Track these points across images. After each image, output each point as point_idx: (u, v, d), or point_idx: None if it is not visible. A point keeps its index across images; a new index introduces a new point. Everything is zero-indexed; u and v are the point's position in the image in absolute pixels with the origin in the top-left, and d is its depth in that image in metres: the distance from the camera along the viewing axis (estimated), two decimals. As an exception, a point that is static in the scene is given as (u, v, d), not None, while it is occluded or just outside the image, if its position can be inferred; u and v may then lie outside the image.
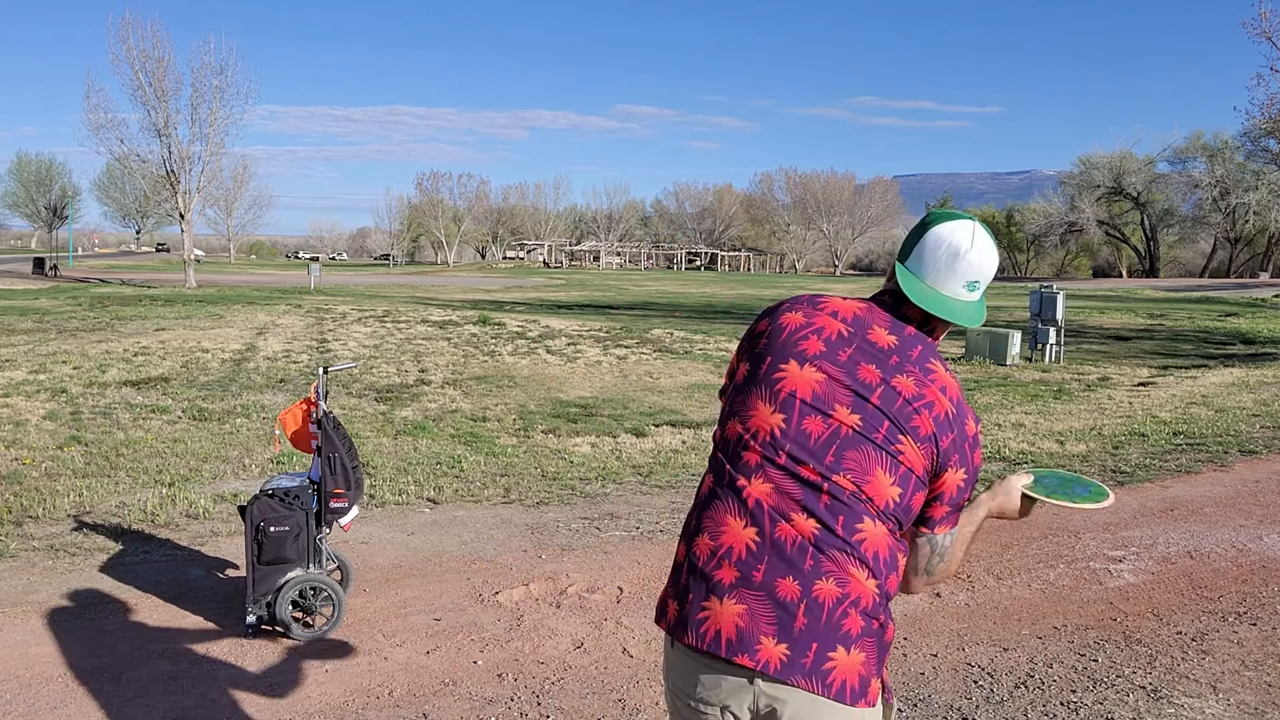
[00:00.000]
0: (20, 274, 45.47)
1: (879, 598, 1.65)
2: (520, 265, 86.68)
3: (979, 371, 14.26)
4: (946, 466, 1.71)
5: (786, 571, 1.63)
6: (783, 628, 1.61)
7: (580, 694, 3.59)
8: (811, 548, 1.63)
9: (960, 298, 1.78)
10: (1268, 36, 25.13)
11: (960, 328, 1.80)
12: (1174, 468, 7.46)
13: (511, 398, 10.76)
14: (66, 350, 14.04)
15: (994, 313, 29.62)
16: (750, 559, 1.65)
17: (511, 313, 24.92)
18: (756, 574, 1.64)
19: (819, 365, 1.72)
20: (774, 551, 1.64)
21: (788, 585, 1.62)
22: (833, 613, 1.61)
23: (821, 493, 1.65)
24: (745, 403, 1.75)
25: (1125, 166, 73.34)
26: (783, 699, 1.62)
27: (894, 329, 1.76)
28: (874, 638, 1.65)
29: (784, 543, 1.64)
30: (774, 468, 1.68)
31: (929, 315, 1.78)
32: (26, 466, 6.95)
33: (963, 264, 1.76)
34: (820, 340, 1.74)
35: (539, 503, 6.34)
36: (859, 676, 1.62)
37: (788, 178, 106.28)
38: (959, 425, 1.71)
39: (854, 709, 1.62)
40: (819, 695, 1.60)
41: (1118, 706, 3.51)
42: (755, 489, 1.67)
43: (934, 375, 1.72)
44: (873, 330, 1.75)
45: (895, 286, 1.80)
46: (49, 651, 3.89)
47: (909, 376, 1.71)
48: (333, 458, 4.11)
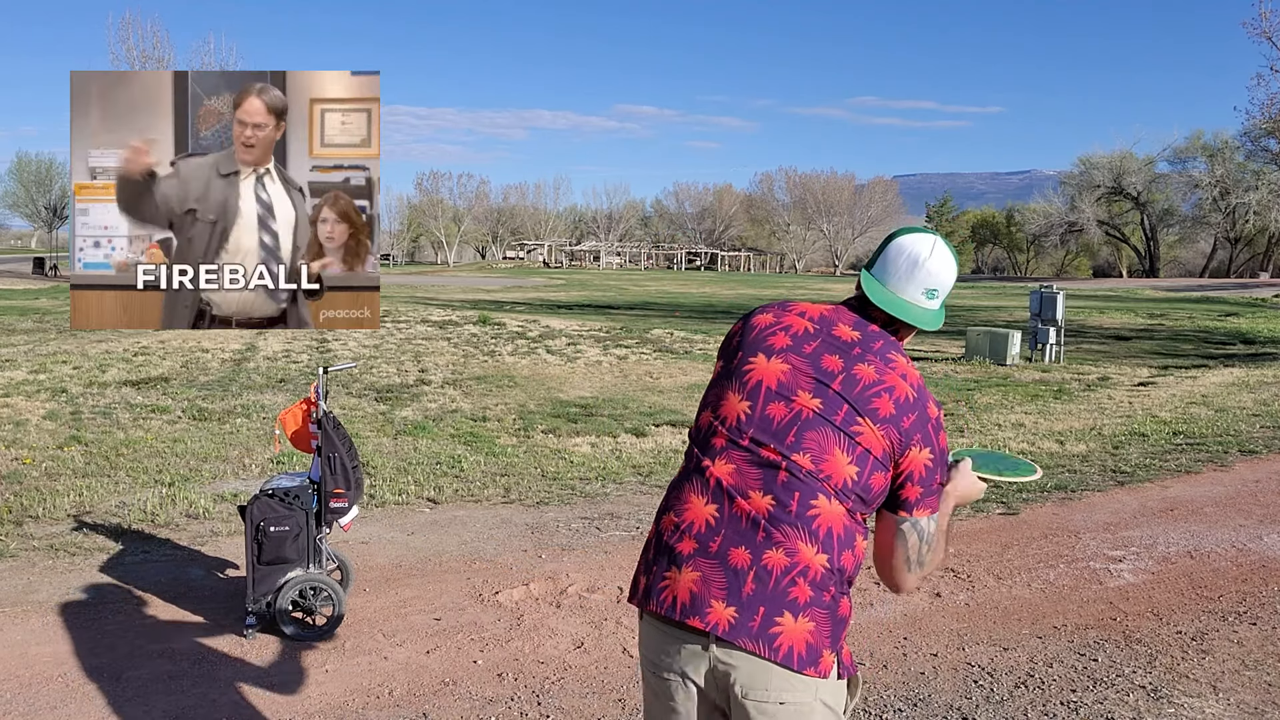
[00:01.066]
0: (20, 274, 45.48)
1: (828, 571, 1.74)
2: (520, 265, 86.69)
3: (979, 371, 14.26)
4: (910, 445, 1.81)
5: (740, 542, 1.75)
6: (732, 592, 1.72)
7: (580, 694, 3.59)
8: (765, 521, 1.75)
9: (919, 303, 1.92)
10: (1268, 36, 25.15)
11: (923, 331, 1.93)
12: (1174, 468, 7.46)
13: (511, 398, 10.76)
14: (66, 350, 14.05)
15: (994, 313, 29.61)
16: (708, 532, 1.78)
17: (511, 313, 24.92)
18: (713, 544, 1.76)
19: (785, 357, 1.86)
20: (730, 525, 1.77)
21: (740, 554, 1.74)
22: (780, 580, 1.72)
23: (779, 470, 1.77)
24: (718, 394, 1.90)
25: (1125, 166, 73.31)
26: (734, 664, 1.72)
27: (858, 326, 1.90)
28: (825, 610, 1.74)
29: (739, 517, 1.77)
30: (737, 450, 1.81)
31: (892, 319, 1.92)
32: (26, 466, 6.95)
33: (921, 271, 1.91)
34: (787, 336, 1.89)
35: (539, 503, 6.34)
36: (806, 644, 1.71)
37: (788, 178, 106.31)
38: (920, 408, 1.83)
39: (801, 675, 1.70)
40: (765, 659, 1.69)
41: (1118, 706, 3.51)
42: (718, 469, 1.81)
43: (894, 364, 1.85)
44: (837, 327, 1.90)
45: (862, 293, 1.95)
46: (49, 651, 3.89)
47: (870, 365, 1.84)
48: (333, 458, 4.11)
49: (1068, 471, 7.29)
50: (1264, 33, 25.32)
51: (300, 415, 4.22)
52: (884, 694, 3.59)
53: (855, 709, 1.91)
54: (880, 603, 4.53)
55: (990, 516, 6.08)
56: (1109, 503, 6.44)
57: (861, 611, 4.41)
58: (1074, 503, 6.43)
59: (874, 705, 3.50)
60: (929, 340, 19.87)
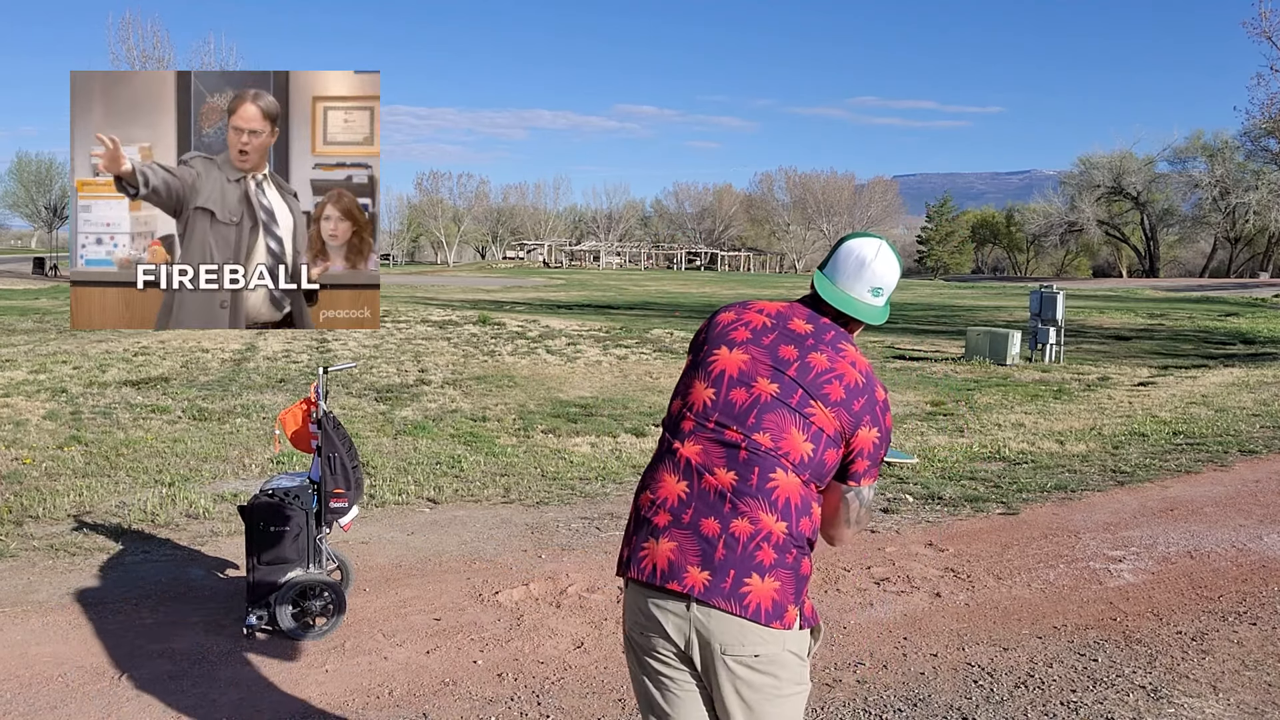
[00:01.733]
0: (20, 274, 45.47)
1: (788, 536, 1.96)
2: (520, 265, 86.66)
3: (979, 371, 14.26)
4: (860, 425, 2.02)
5: (709, 513, 1.96)
6: (705, 558, 1.94)
7: (580, 694, 3.59)
8: (730, 494, 1.96)
9: (865, 300, 2.12)
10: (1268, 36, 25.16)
11: (870, 325, 2.14)
12: (1174, 468, 7.46)
13: (511, 397, 10.76)
14: (66, 350, 14.05)
15: (994, 313, 29.62)
16: (680, 506, 1.99)
17: (511, 313, 24.92)
18: (685, 516, 1.98)
19: (745, 349, 2.07)
20: (700, 499, 1.98)
21: (710, 524, 1.96)
22: (747, 546, 1.94)
23: (741, 449, 1.99)
24: (686, 384, 2.12)
25: (1125, 166, 73.29)
26: (711, 623, 1.93)
27: (811, 319, 2.11)
28: (789, 570, 1.96)
29: (708, 491, 1.98)
30: (704, 432, 2.02)
31: (842, 314, 2.12)
32: (26, 466, 6.95)
33: (868, 271, 2.10)
34: (748, 330, 2.10)
35: (539, 502, 6.34)
36: (773, 601, 1.93)
37: (788, 178, 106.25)
38: (869, 392, 2.03)
39: (769, 628, 1.93)
40: (738, 615, 1.91)
41: (1118, 706, 3.51)
42: (687, 450, 2.03)
43: (845, 353, 2.06)
44: (793, 321, 2.10)
45: (815, 290, 2.15)
46: (49, 651, 3.89)
47: (822, 354, 2.05)
48: (333, 458, 4.11)
49: (1068, 471, 7.29)
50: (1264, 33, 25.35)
51: (300, 415, 4.22)
52: (884, 694, 3.59)
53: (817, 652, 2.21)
54: (880, 603, 4.53)
55: (990, 516, 6.08)
56: (1109, 503, 6.45)
57: (861, 611, 4.41)
58: (1074, 503, 6.43)
59: (874, 705, 3.50)
60: (929, 340, 19.87)
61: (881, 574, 4.93)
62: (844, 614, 4.39)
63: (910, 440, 8.56)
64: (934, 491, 6.61)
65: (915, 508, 6.26)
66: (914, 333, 22.26)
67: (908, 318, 27.77)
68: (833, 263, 2.14)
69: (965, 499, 6.43)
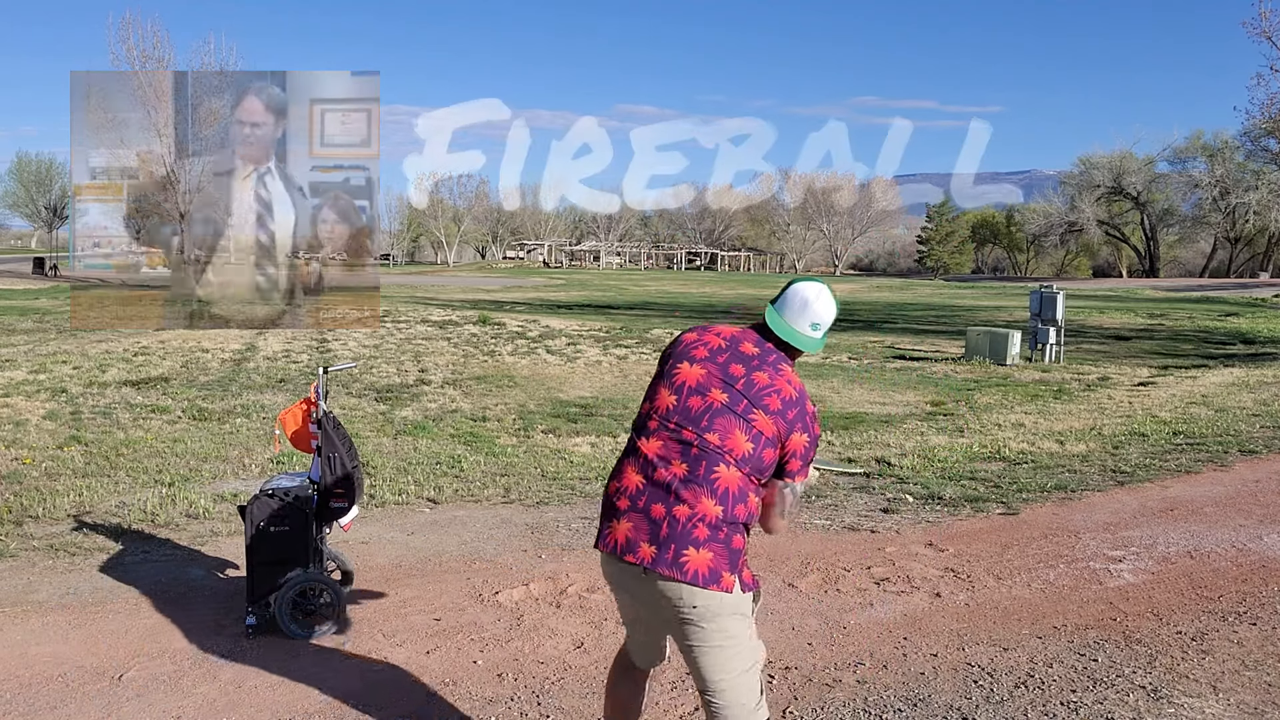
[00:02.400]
0: (20, 274, 45.46)
1: (722, 518, 2.43)
2: (520, 265, 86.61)
3: (979, 371, 14.26)
4: (793, 431, 2.51)
5: (658, 500, 2.46)
6: (653, 536, 2.44)
7: (580, 694, 3.59)
8: (678, 483, 2.45)
9: (806, 333, 2.63)
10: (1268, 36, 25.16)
11: (808, 355, 2.67)
12: (1174, 468, 7.46)
13: (511, 397, 10.76)
14: (66, 350, 14.05)
15: (994, 313, 29.61)
16: (637, 494, 2.49)
17: (511, 313, 24.92)
18: (639, 502, 2.48)
19: (703, 365, 2.56)
20: (652, 488, 2.48)
21: (658, 509, 2.45)
22: (685, 525, 2.42)
23: (693, 447, 2.47)
24: (653, 391, 2.61)
25: (1125, 166, 73.26)
26: (658, 586, 2.44)
27: (759, 344, 2.61)
28: (721, 544, 2.43)
29: (660, 482, 2.47)
30: (665, 431, 2.52)
31: (785, 343, 2.61)
32: (26, 466, 6.95)
33: (810, 310, 2.62)
34: (706, 350, 2.59)
35: (539, 502, 6.34)
36: (709, 568, 2.41)
37: (788, 178, 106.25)
38: (800, 405, 2.53)
39: (705, 590, 2.41)
40: (679, 580, 2.41)
41: (1118, 706, 3.51)
42: (648, 447, 2.52)
43: (784, 373, 2.57)
44: (744, 344, 2.60)
45: (764, 321, 2.64)
46: (49, 651, 3.89)
47: (765, 372, 2.55)
48: (333, 458, 4.11)
49: (1068, 471, 7.29)
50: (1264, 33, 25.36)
51: (300, 415, 4.22)
52: (884, 694, 3.59)
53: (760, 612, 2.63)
54: (880, 603, 4.53)
55: (990, 516, 6.08)
56: (1109, 503, 6.44)
57: (861, 611, 4.41)
58: (1074, 503, 6.43)
59: (874, 705, 3.50)
60: (929, 340, 19.87)
61: (881, 574, 4.93)
62: (844, 614, 4.39)
63: (910, 440, 8.56)
64: (934, 491, 6.61)
65: (915, 508, 6.26)
66: (914, 333, 22.26)
67: (908, 318, 27.76)
68: (782, 300, 2.65)
69: (965, 499, 6.43)
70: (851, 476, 7.08)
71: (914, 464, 7.47)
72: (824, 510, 6.20)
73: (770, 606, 4.44)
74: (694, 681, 2.60)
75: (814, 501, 6.41)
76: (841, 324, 25.10)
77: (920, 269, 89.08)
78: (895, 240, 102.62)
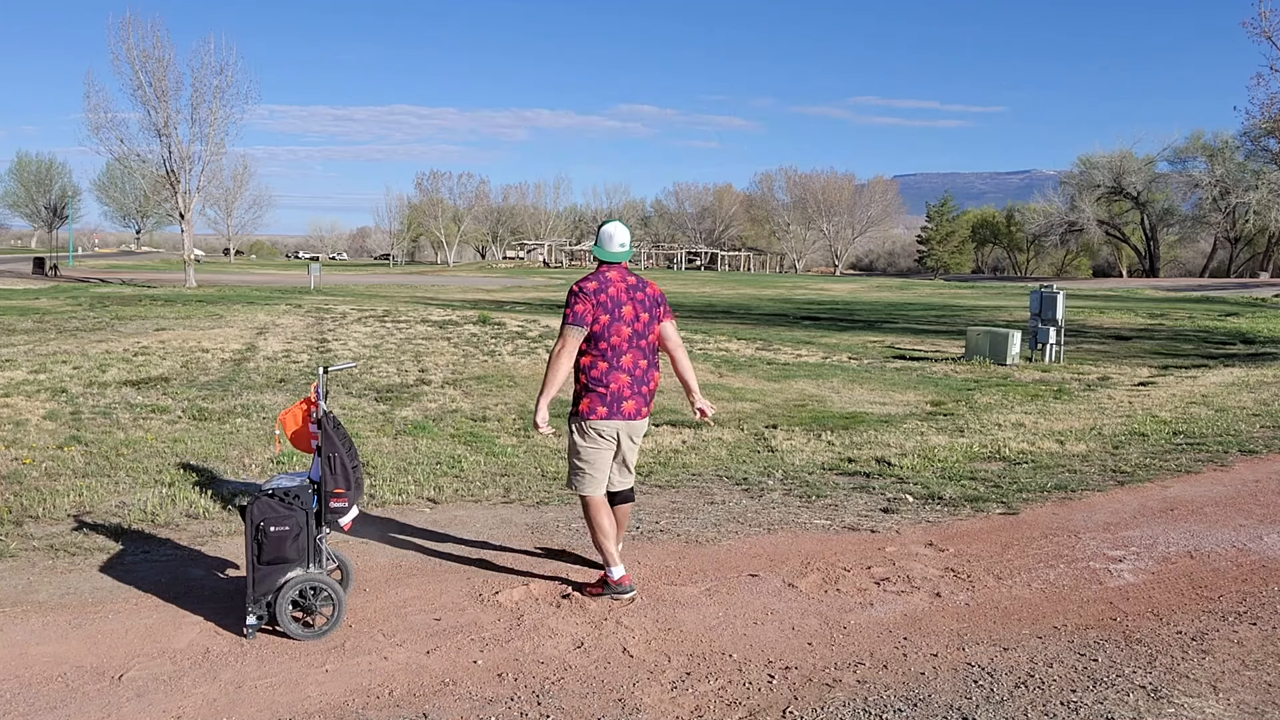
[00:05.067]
0: (20, 274, 45.47)
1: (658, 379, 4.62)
2: (520, 265, 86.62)
3: (979, 371, 14.26)
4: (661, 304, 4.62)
5: (643, 384, 4.51)
6: (645, 403, 4.54)
7: (580, 694, 3.59)
8: (643, 373, 4.51)
9: (619, 251, 4.57)
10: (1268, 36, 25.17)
11: (626, 263, 4.65)
12: (1174, 467, 7.46)
13: (511, 397, 10.76)
14: (66, 350, 14.04)
15: (994, 312, 29.60)
16: (630, 385, 4.46)
17: (511, 312, 24.91)
18: (634, 389, 4.47)
19: (629, 304, 4.46)
20: (636, 381, 4.48)
21: (645, 389, 4.53)
22: (651, 391, 4.57)
23: (645, 350, 4.51)
24: (612, 329, 4.41)
25: (1125, 166, 73.28)
26: (638, 426, 4.56)
27: (621, 276, 4.52)
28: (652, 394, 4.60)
29: (640, 376, 4.49)
30: (635, 348, 4.47)
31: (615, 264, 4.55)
32: (26, 466, 6.95)
33: (614, 240, 4.57)
34: (619, 292, 4.46)
35: (539, 502, 6.35)
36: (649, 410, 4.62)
37: (788, 177, 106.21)
38: (663, 298, 4.64)
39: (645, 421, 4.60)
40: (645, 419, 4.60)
41: (1118, 706, 3.50)
42: (627, 361, 4.45)
43: (648, 283, 4.59)
44: (623, 279, 4.50)
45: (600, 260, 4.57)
46: (49, 651, 3.89)
47: (641, 288, 4.53)
48: (333, 458, 4.10)
49: (1068, 471, 7.29)
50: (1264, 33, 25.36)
51: (300, 415, 4.22)
52: (884, 694, 3.58)
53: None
54: (880, 603, 4.53)
55: (990, 516, 6.08)
56: (1109, 503, 6.45)
57: (861, 611, 4.41)
58: (1074, 503, 6.43)
59: (874, 705, 3.50)
60: (929, 340, 19.87)
61: (881, 574, 4.93)
62: (844, 614, 4.39)
63: (910, 440, 8.56)
64: (934, 491, 6.61)
65: (915, 508, 6.26)
66: (914, 333, 22.26)
67: (908, 318, 27.76)
68: (600, 240, 4.58)
69: (965, 499, 6.43)
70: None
71: (914, 464, 7.47)
72: (824, 510, 6.20)
73: (770, 606, 4.45)
74: (618, 471, 4.59)
75: (814, 501, 6.41)
76: (842, 324, 25.12)
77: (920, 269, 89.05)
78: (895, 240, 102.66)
